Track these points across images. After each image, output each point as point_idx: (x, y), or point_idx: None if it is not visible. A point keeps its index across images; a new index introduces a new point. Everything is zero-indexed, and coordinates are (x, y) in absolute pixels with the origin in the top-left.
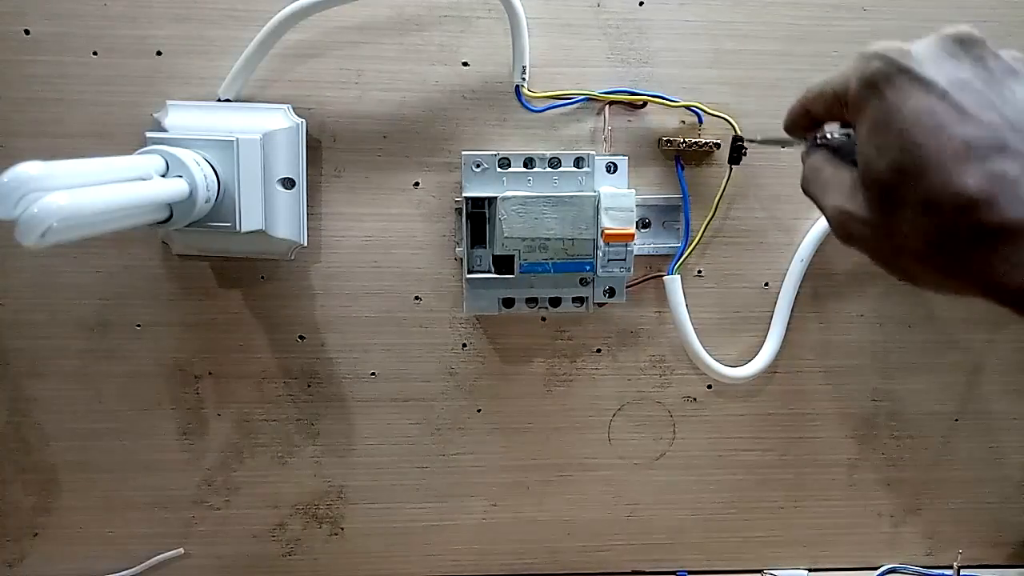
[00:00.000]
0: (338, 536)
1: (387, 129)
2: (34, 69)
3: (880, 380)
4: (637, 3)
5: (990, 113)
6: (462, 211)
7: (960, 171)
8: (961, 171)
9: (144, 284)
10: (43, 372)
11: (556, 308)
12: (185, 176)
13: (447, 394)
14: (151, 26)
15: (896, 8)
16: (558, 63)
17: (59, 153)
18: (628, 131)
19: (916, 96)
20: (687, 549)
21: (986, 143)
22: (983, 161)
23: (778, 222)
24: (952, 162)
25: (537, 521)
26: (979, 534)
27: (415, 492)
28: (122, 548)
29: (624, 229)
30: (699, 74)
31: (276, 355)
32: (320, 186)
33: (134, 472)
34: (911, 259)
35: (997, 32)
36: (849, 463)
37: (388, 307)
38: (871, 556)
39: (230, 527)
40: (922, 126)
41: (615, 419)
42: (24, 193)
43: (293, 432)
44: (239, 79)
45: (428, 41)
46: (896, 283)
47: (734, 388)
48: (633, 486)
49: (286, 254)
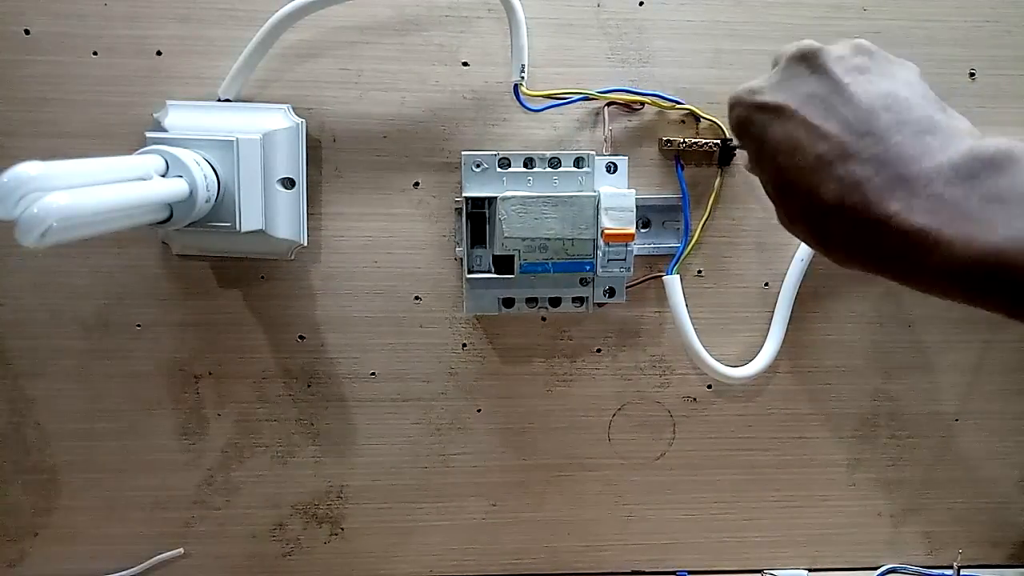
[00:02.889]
0: (338, 536)
1: (387, 129)
2: (34, 69)
3: (880, 380)
4: (637, 3)
5: (832, 121)
6: (462, 211)
7: (818, 183)
8: (818, 183)
9: (144, 284)
10: (43, 372)
11: (556, 308)
12: (185, 176)
13: (447, 394)
14: (151, 26)
15: (896, 8)
16: (558, 63)
17: (59, 153)
18: (628, 131)
19: (773, 125)
20: (687, 549)
21: (834, 154)
22: (832, 170)
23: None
24: (811, 177)
25: (537, 521)
26: (979, 534)
27: (415, 492)
28: (122, 548)
29: (624, 229)
30: (699, 74)
31: (276, 355)
32: (320, 186)
33: (134, 472)
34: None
35: (997, 32)
36: (849, 463)
37: (388, 307)
38: (871, 556)
39: (230, 527)
40: (784, 152)
41: (615, 419)
42: (24, 193)
43: (293, 432)
44: (239, 79)
45: (428, 41)
46: (896, 283)
47: (734, 388)
48: (633, 486)
49: (286, 254)
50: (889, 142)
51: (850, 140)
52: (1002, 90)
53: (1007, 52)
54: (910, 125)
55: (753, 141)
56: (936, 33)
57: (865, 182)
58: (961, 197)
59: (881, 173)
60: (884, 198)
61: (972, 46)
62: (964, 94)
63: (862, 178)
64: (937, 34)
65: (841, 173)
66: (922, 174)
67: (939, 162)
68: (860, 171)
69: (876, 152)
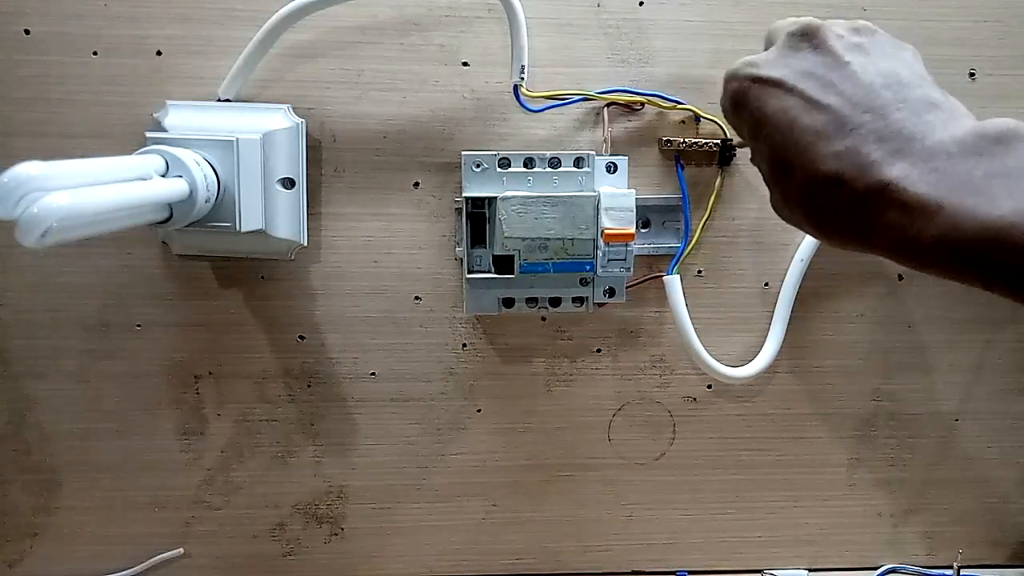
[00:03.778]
0: (338, 536)
1: (387, 129)
2: (34, 69)
3: (880, 380)
4: (637, 3)
5: (832, 96)
6: (462, 211)
7: (815, 156)
8: (816, 156)
9: (144, 284)
10: (43, 372)
11: (556, 308)
12: (185, 176)
13: (447, 394)
14: (151, 26)
15: (896, 8)
16: (558, 63)
17: (59, 153)
18: (628, 131)
19: (770, 98)
20: (687, 549)
21: (832, 126)
22: (830, 142)
23: (778, 222)
24: (808, 150)
25: (537, 521)
26: (979, 534)
27: (415, 492)
28: (122, 548)
29: (624, 229)
30: (699, 74)
31: (276, 355)
32: (320, 186)
33: (134, 472)
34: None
35: (997, 32)
36: (849, 463)
37: (388, 307)
38: (871, 556)
39: (230, 527)
40: (780, 125)
41: (615, 419)
42: (24, 193)
43: (293, 432)
44: (239, 79)
45: (428, 41)
46: (896, 283)
47: (734, 388)
48: (633, 486)
49: (286, 254)
50: (889, 118)
51: (850, 114)
52: (1002, 90)
53: (1007, 52)
54: (911, 103)
55: (750, 116)
56: (936, 33)
57: (864, 154)
58: (965, 171)
59: (881, 146)
60: (884, 169)
61: (972, 46)
62: (964, 94)
63: (861, 150)
64: (937, 34)
65: (839, 146)
66: (924, 148)
67: (942, 138)
68: (859, 144)
69: (876, 127)
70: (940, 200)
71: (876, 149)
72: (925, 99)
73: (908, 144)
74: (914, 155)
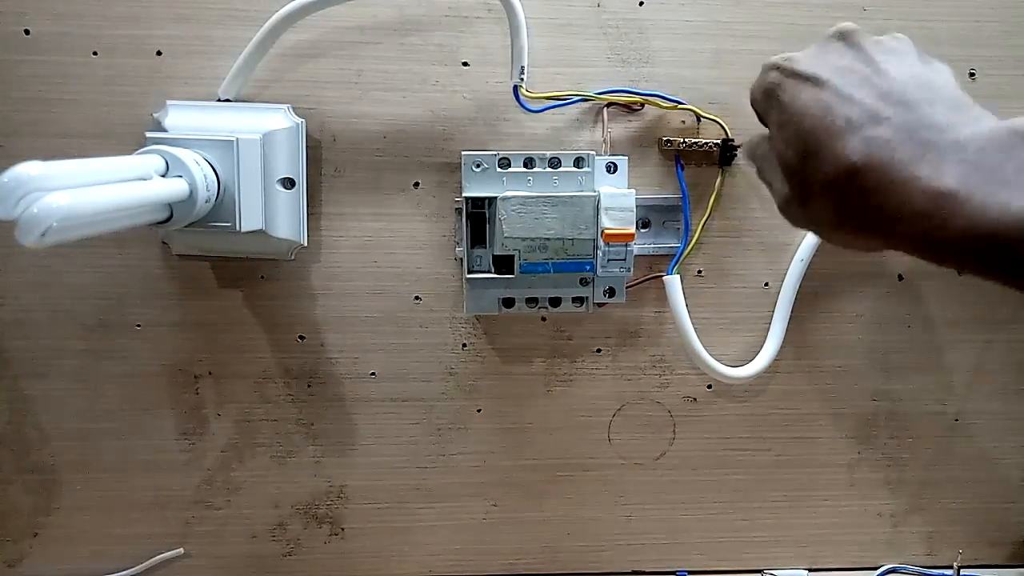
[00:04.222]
0: (338, 536)
1: (387, 129)
2: (34, 69)
3: (880, 380)
4: (637, 3)
5: (866, 90)
6: (462, 211)
7: (843, 144)
8: (844, 144)
9: (144, 284)
10: (43, 372)
11: (556, 308)
12: (185, 176)
13: (447, 394)
14: (151, 26)
15: (896, 8)
16: (558, 63)
17: (59, 153)
18: (628, 131)
19: (805, 91)
20: (687, 549)
21: (864, 117)
22: (861, 131)
23: (778, 222)
24: (837, 138)
25: (537, 521)
26: (979, 534)
27: (415, 492)
28: (122, 548)
29: (624, 229)
30: (699, 74)
31: (276, 355)
32: (320, 186)
33: (134, 472)
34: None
35: (997, 32)
36: (849, 463)
37: (388, 307)
38: (871, 556)
39: (230, 527)
40: (812, 114)
41: (615, 419)
42: (24, 193)
43: (293, 432)
44: (239, 79)
45: (428, 41)
46: (896, 283)
47: (734, 388)
48: (633, 486)
49: (286, 254)
50: (920, 111)
51: (881, 107)
52: (1002, 90)
53: (1007, 52)
54: (941, 102)
55: (780, 107)
56: (936, 33)
57: (895, 144)
58: (996, 164)
59: (912, 138)
60: (913, 160)
61: (972, 46)
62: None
63: (892, 140)
64: (937, 34)
65: (870, 134)
66: (955, 141)
67: (972, 131)
68: (890, 133)
69: (907, 119)
70: (970, 191)
71: (906, 139)
72: (955, 99)
73: (939, 136)
74: (944, 147)
